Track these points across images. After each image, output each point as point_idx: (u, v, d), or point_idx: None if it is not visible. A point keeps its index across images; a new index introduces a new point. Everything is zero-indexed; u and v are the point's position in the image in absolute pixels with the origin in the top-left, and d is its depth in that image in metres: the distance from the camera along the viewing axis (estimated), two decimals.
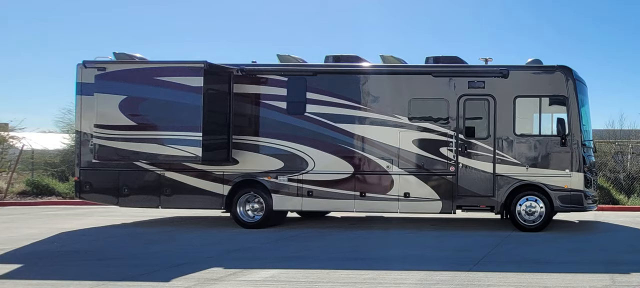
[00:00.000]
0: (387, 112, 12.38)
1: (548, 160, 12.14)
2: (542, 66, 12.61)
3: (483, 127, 12.32)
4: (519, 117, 12.29)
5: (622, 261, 8.47)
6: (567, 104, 12.12)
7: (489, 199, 12.18)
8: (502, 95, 12.24)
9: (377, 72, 12.67)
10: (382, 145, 12.34)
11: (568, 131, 12.02)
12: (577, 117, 12.13)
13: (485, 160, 12.21)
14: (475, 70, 12.62)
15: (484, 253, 9.01)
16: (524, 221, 12.15)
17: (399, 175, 12.28)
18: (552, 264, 8.20)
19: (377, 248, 10.12)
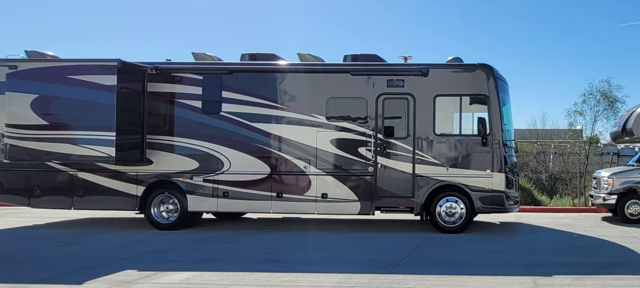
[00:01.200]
0: (304, 111, 12.13)
1: (469, 161, 11.87)
2: (463, 64, 12.34)
3: (402, 127, 12.03)
4: (439, 117, 12.02)
5: (543, 263, 8.41)
6: (488, 103, 11.84)
7: (408, 200, 11.91)
8: (421, 94, 11.96)
9: (294, 70, 12.43)
10: (300, 145, 12.08)
11: (489, 131, 11.74)
12: (499, 117, 11.85)
13: (405, 160, 11.93)
14: (394, 69, 12.34)
15: (403, 256, 8.87)
16: (444, 222, 11.88)
17: (316, 176, 12.01)
18: (472, 266, 8.13)
19: (294, 250, 9.91)
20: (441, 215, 11.89)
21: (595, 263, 8.41)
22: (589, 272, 7.71)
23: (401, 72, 12.20)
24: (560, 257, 9.03)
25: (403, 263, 8.28)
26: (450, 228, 11.81)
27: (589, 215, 16.45)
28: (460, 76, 12.21)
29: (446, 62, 12.48)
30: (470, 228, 12.14)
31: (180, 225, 12.22)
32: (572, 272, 7.65)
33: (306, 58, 12.61)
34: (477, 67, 12.03)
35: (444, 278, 7.17)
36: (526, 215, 16.05)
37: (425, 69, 12.02)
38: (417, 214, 12.03)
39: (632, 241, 10.89)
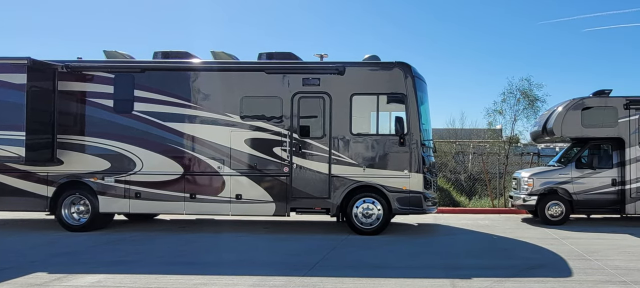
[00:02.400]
0: (218, 111, 11.87)
1: (386, 161, 11.61)
2: (380, 63, 12.08)
3: (318, 126, 11.76)
4: (356, 116, 11.75)
5: (462, 265, 8.35)
6: (405, 102, 11.57)
7: (324, 201, 11.63)
8: (338, 92, 11.69)
9: (207, 68, 12.16)
10: (214, 145, 11.83)
11: (407, 130, 11.49)
12: (416, 116, 11.59)
13: (321, 160, 11.66)
14: (310, 67, 12.10)
15: (320, 258, 8.77)
16: (361, 224, 11.60)
17: (230, 176, 11.76)
18: (390, 269, 8.01)
19: (208, 252, 9.71)
20: (358, 216, 11.62)
21: (515, 265, 8.33)
22: (508, 274, 7.63)
23: (317, 70, 11.94)
24: (479, 259, 8.96)
25: (319, 265, 8.17)
26: (367, 230, 11.55)
27: (508, 216, 16.22)
28: (377, 74, 11.91)
29: (363, 60, 12.23)
30: (388, 229, 11.90)
31: (92, 227, 11.98)
32: (492, 274, 7.60)
33: (220, 56, 12.36)
34: (394, 66, 11.76)
35: (360, 281, 7.06)
36: (445, 216, 15.82)
37: (342, 68, 11.75)
38: (333, 215, 11.76)
39: (553, 243, 10.73)
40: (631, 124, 13.56)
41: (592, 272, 7.83)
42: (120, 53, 12.52)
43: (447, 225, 13.66)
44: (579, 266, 8.26)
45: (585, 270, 8.00)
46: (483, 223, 14.15)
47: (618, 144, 13.79)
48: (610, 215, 14.68)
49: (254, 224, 13.20)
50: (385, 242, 10.74)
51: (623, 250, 9.85)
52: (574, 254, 9.32)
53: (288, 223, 13.44)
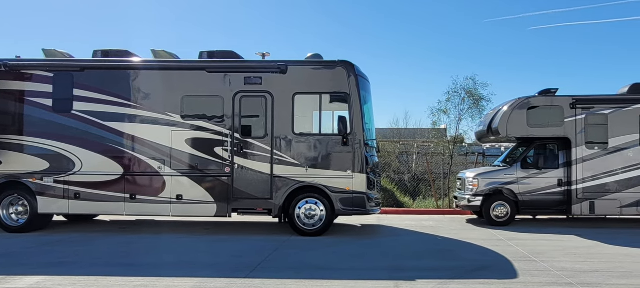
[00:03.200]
0: (158, 110, 11.72)
1: (329, 161, 11.48)
2: (323, 61, 11.94)
3: (260, 126, 11.62)
4: (299, 115, 11.66)
5: (406, 267, 8.27)
6: (349, 101, 11.45)
7: (266, 202, 11.50)
8: (280, 92, 11.57)
9: (147, 67, 12.01)
10: (154, 145, 11.69)
11: (350, 130, 11.37)
12: (360, 115, 11.47)
13: (263, 160, 11.53)
14: (251, 66, 11.96)
15: (262, 259, 8.66)
16: (303, 225, 11.48)
17: (171, 177, 11.62)
18: (333, 271, 7.93)
19: (148, 254, 9.56)
20: (300, 217, 11.50)
21: (460, 267, 8.28)
22: (453, 276, 7.58)
23: (259, 69, 11.83)
24: (423, 261, 8.89)
25: (261, 267, 8.07)
26: (309, 231, 11.45)
27: (453, 217, 16.12)
28: (320, 73, 11.80)
29: (306, 59, 12.08)
30: (331, 231, 11.81)
31: (30, 228, 11.82)
32: (436, 276, 7.54)
33: (161, 55, 12.21)
34: (337, 64, 11.65)
35: (303, 283, 6.99)
36: (388, 217, 15.70)
37: (284, 66, 11.65)
38: (275, 216, 11.63)
39: (498, 244, 10.66)
40: (577, 124, 13.52)
41: (538, 274, 7.79)
42: (59, 52, 12.34)
43: (391, 226, 13.55)
44: (525, 268, 8.22)
45: (531, 271, 7.96)
46: (427, 224, 14.05)
47: (564, 143, 13.73)
48: (557, 216, 14.67)
49: (194, 225, 13.04)
50: (328, 243, 10.65)
51: (569, 251, 9.82)
52: (519, 256, 9.25)
53: (229, 224, 13.28)
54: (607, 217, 14.67)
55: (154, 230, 12.35)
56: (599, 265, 8.48)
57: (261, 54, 12.32)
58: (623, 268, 8.29)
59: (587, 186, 13.40)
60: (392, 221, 14.67)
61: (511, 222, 13.80)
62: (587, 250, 10.06)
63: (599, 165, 13.42)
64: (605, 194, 13.36)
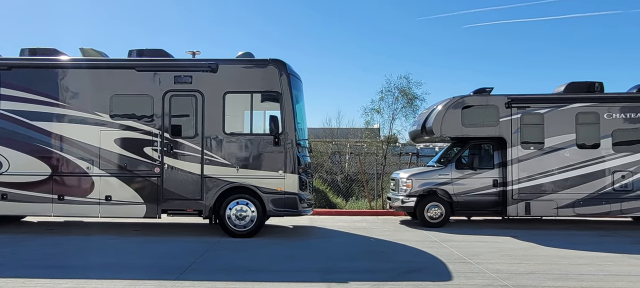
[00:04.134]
0: (87, 109, 11.56)
1: (260, 161, 11.39)
2: (254, 60, 11.83)
3: (190, 125, 11.49)
4: (229, 115, 11.54)
5: (339, 269, 8.23)
6: (280, 101, 11.36)
7: (197, 203, 11.36)
8: (210, 91, 11.45)
9: (76, 66, 11.85)
10: (82, 145, 11.52)
11: (282, 129, 11.26)
12: (292, 115, 11.39)
13: (193, 160, 11.40)
14: (181, 65, 11.84)
15: (191, 261, 8.55)
16: (234, 226, 11.32)
17: (100, 177, 11.46)
18: (264, 273, 7.88)
19: (77, 256, 9.38)
20: (231, 218, 11.35)
21: (393, 269, 8.25)
22: (387, 278, 7.55)
23: (189, 67, 11.70)
24: (356, 263, 8.84)
25: (191, 269, 7.96)
26: (240, 232, 11.30)
27: (386, 218, 16.07)
28: (251, 72, 11.68)
29: (236, 58, 11.97)
30: (262, 232, 11.71)
31: None
32: (369, 278, 7.50)
33: (89, 53, 12.07)
34: (269, 63, 11.56)
35: (234, 285, 6.92)
36: (321, 218, 15.62)
37: (215, 65, 11.53)
38: (206, 217, 11.50)
39: (432, 246, 10.62)
40: (513, 123, 13.50)
41: (473, 276, 7.77)
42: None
43: (323, 228, 13.47)
44: (460, 270, 8.21)
45: (466, 273, 7.95)
46: (360, 226, 13.97)
47: (500, 143, 13.70)
48: (492, 217, 14.65)
49: (124, 226, 12.85)
50: (260, 244, 10.55)
51: (505, 253, 9.81)
52: (454, 257, 9.24)
53: (159, 225, 13.10)
54: (543, 218, 14.70)
55: (82, 232, 12.16)
56: (535, 267, 8.53)
57: (192, 52, 12.22)
58: (559, 270, 8.33)
59: (523, 187, 13.37)
60: (324, 222, 14.60)
61: (445, 223, 13.73)
62: (523, 251, 10.06)
63: (534, 166, 13.40)
64: (541, 195, 13.35)
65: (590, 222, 15.13)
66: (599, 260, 9.32)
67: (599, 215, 13.62)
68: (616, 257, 9.60)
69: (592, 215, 13.67)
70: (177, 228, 12.75)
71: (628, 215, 13.76)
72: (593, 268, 8.51)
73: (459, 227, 13.81)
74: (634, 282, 7.59)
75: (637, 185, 13.14)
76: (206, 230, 12.40)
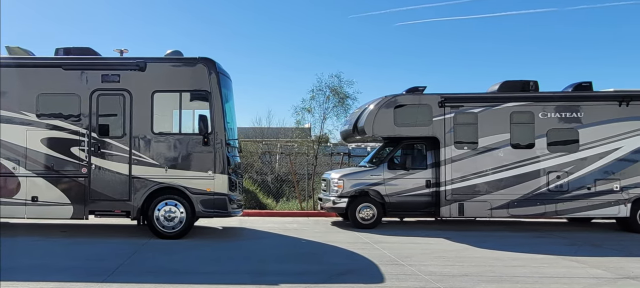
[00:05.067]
0: (13, 109, 11.59)
1: (189, 161, 11.54)
2: (183, 58, 11.99)
3: (118, 125, 11.61)
4: (158, 114, 11.67)
5: (269, 271, 8.33)
6: (210, 100, 11.53)
7: (124, 204, 11.49)
8: (139, 90, 11.58)
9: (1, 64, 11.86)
10: (8, 145, 11.55)
11: (211, 129, 11.42)
12: (221, 114, 11.56)
13: (121, 160, 11.53)
14: (109, 63, 11.97)
15: (119, 263, 8.62)
16: (163, 227, 11.44)
17: (26, 177, 11.52)
18: (193, 275, 7.96)
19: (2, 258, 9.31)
20: (160, 219, 11.48)
21: (324, 271, 8.35)
22: (318, 280, 7.65)
23: (116, 66, 11.87)
24: (287, 265, 8.94)
25: (119, 271, 8.04)
26: (169, 234, 11.43)
27: (318, 219, 16.27)
28: (180, 71, 11.84)
29: (165, 56, 12.12)
30: (191, 233, 11.85)
31: None
32: (300, 281, 7.59)
33: (15, 51, 12.15)
34: (198, 61, 11.73)
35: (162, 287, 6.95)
36: (251, 219, 15.79)
37: (143, 63, 11.67)
38: (134, 218, 11.62)
39: (364, 247, 10.79)
40: (446, 123, 13.76)
41: (405, 278, 7.91)
42: None
43: (254, 229, 13.60)
44: (392, 271, 8.35)
45: (398, 276, 8.08)
46: (291, 227, 14.12)
47: (433, 143, 13.94)
48: (425, 218, 14.85)
49: (51, 228, 12.82)
50: (189, 246, 10.66)
51: (438, 255, 9.98)
52: (386, 259, 9.37)
53: (87, 226, 13.11)
54: (476, 219, 14.95)
55: (8, 233, 12.05)
56: (469, 269, 8.70)
57: (119, 50, 12.43)
58: (493, 272, 8.50)
59: (456, 187, 13.64)
60: (254, 223, 14.71)
61: (378, 225, 13.91)
62: (456, 253, 10.24)
63: (468, 166, 13.66)
64: (475, 196, 13.60)
65: (525, 223, 15.43)
66: (534, 261, 9.50)
67: (533, 216, 13.89)
68: (551, 259, 9.81)
69: (527, 216, 13.91)
70: (105, 230, 12.77)
71: (563, 216, 14.07)
72: (528, 270, 8.71)
73: (391, 229, 14.01)
74: (569, 284, 7.72)
75: (572, 186, 13.55)
76: (135, 231, 12.48)
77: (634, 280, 8.28)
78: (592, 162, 13.57)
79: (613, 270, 8.87)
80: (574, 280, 8.10)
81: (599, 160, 13.59)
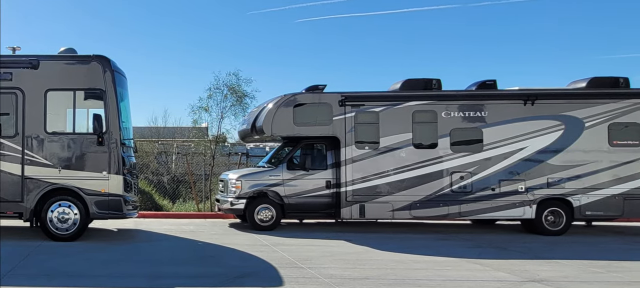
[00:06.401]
0: None
1: (83, 161, 15.56)
2: (77, 56, 16.10)
3: (10, 124, 15.37)
4: (51, 113, 15.45)
5: (165, 274, 10.78)
6: (104, 98, 15.54)
7: (17, 205, 15.26)
8: (31, 88, 15.49)
9: None
10: None
11: (106, 128, 15.38)
12: (116, 113, 15.58)
13: (13, 161, 15.41)
14: (0, 61, 15.67)
15: (11, 266, 10.97)
16: (56, 229, 15.24)
17: None
18: (88, 278, 10.28)
19: None
20: (53, 221, 15.31)
21: (222, 274, 10.76)
22: (215, 283, 9.88)
23: (8, 64, 15.64)
24: (184, 268, 11.44)
25: (11, 274, 10.11)
26: (63, 236, 15.17)
27: (215, 221, 20.63)
28: (74, 69, 15.84)
29: (59, 54, 16.25)
30: (86, 235, 15.59)
31: None
32: (197, 284, 9.91)
33: None
34: (92, 59, 15.83)
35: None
36: (146, 221, 19.90)
37: (36, 61, 15.64)
38: (26, 220, 15.28)
39: (263, 250, 13.83)
40: (347, 122, 18.33)
41: (305, 281, 10.03)
42: None
43: (149, 231, 17.57)
44: (291, 274, 10.67)
45: (298, 279, 10.29)
46: (188, 229, 18.20)
47: (333, 143, 18.50)
48: (325, 219, 19.29)
49: None
50: (83, 248, 13.78)
51: (338, 257, 12.85)
52: (285, 262, 12.05)
53: None
54: (378, 221, 19.49)
55: None
56: (370, 272, 11.10)
57: (12, 48, 16.71)
58: (395, 275, 10.80)
59: (357, 188, 18.13)
60: (150, 225, 18.65)
61: (277, 226, 18.39)
62: (357, 256, 13.21)
63: (369, 166, 18.16)
64: (377, 197, 18.06)
65: (428, 225, 19.77)
66: (437, 264, 12.10)
67: (437, 217, 18.56)
68: (454, 262, 12.54)
69: (430, 217, 18.56)
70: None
71: (467, 217, 18.82)
72: (430, 273, 11.07)
73: (290, 230, 18.16)
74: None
75: (476, 187, 18.14)
76: (28, 233, 15.85)
77: (539, 283, 10.40)
78: (496, 162, 18.32)
79: (518, 273, 11.28)
80: (478, 284, 10.19)
81: (504, 161, 18.35)
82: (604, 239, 18.16)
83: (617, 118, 18.90)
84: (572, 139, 18.85)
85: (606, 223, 21.65)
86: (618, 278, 11.45)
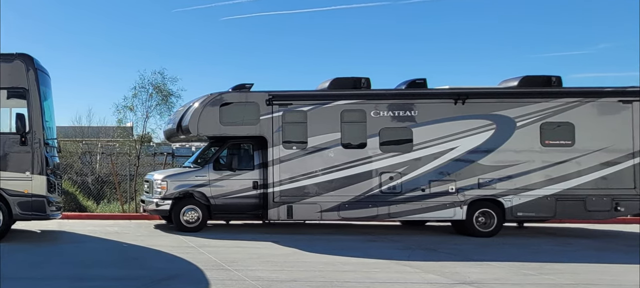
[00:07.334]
0: None
1: (6, 162, 19.04)
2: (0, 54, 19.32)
3: None
4: None
5: (89, 276, 12.56)
6: (27, 97, 19.02)
7: None
8: None
9: None
10: None
11: (29, 128, 18.85)
12: (40, 112, 19.04)
13: None
14: None
15: None
16: None
17: None
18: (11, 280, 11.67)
19: None
20: None
21: (147, 276, 12.41)
22: (140, 286, 11.37)
23: None
24: (108, 270, 13.55)
25: None
26: None
27: (140, 222, 24.85)
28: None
29: None
30: (8, 237, 18.61)
31: None
32: (122, 286, 11.58)
33: None
34: (15, 57, 19.34)
35: None
36: (70, 222, 23.54)
37: None
38: None
39: (189, 251, 16.42)
40: (274, 122, 22.29)
41: (232, 284, 11.59)
42: None
43: (73, 232, 21.07)
44: (218, 277, 12.34)
45: (224, 281, 11.89)
46: (112, 230, 21.72)
47: (261, 143, 22.49)
48: (253, 221, 23.56)
49: None
50: (6, 250, 16.27)
51: (265, 259, 15.21)
52: (211, 264, 14.12)
53: None
54: (306, 222, 23.58)
55: None
56: (297, 274, 12.84)
57: None
58: (323, 277, 12.50)
59: (285, 189, 22.15)
60: (74, 227, 22.57)
61: (203, 228, 22.29)
62: (285, 257, 15.65)
63: (297, 167, 22.16)
64: (305, 198, 22.04)
65: (357, 227, 23.78)
66: (366, 266, 14.16)
67: (366, 218, 22.66)
68: (384, 263, 14.65)
69: (359, 218, 22.65)
70: None
71: (397, 218, 23.03)
72: (359, 276, 12.81)
73: (217, 232, 21.92)
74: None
75: (406, 187, 22.14)
76: None
77: (470, 285, 12.01)
78: (426, 162, 22.36)
79: (448, 275, 13.06)
80: (408, 286, 11.91)
81: (434, 161, 22.38)
82: (536, 241, 21.53)
83: (549, 117, 22.68)
84: (503, 138, 22.64)
85: (538, 224, 25.87)
86: (550, 280, 13.46)
